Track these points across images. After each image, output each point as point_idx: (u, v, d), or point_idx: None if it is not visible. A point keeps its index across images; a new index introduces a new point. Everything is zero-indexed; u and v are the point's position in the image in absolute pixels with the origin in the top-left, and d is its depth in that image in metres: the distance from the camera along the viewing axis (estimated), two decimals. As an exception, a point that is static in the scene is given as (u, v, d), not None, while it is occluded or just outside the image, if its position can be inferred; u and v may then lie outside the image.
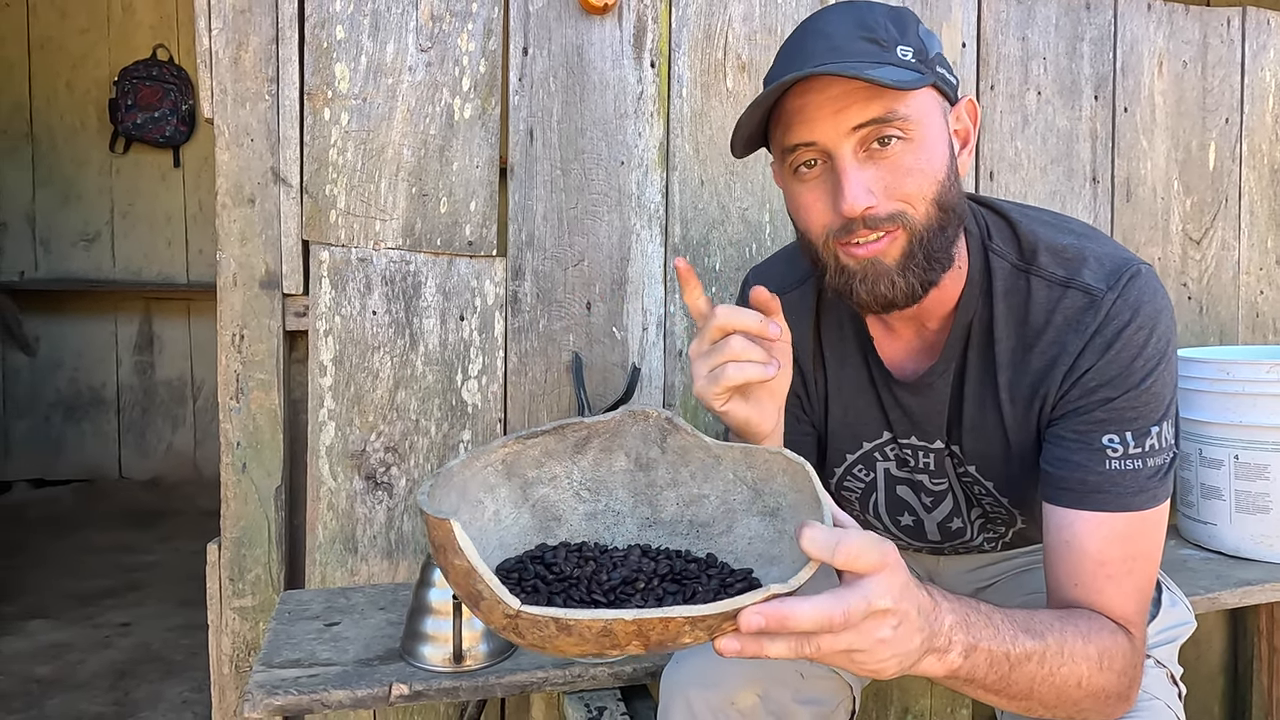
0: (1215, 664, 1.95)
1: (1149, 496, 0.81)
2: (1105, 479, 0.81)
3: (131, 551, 3.13)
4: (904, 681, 1.74)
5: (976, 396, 0.91)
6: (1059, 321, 0.85)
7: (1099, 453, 0.81)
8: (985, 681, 0.70)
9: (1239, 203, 1.89)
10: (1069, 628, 0.76)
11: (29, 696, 2.09)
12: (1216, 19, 1.85)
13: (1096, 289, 0.84)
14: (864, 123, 0.77)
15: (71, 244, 3.86)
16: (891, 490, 1.04)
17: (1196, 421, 1.58)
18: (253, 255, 1.36)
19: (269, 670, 1.06)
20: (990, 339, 0.89)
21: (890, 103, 0.77)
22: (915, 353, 0.94)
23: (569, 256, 1.49)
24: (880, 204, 0.78)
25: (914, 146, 0.78)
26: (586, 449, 0.77)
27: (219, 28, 1.33)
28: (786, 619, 0.57)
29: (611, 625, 0.55)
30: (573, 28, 1.47)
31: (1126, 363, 0.81)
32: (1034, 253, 0.87)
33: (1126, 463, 0.81)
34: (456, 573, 0.58)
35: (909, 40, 0.79)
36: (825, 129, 0.78)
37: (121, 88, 3.78)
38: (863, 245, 0.80)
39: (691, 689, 0.93)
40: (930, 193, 0.79)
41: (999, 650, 0.69)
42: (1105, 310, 0.82)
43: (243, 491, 1.37)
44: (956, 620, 0.67)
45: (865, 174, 0.78)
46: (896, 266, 0.80)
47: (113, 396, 3.94)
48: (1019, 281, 0.87)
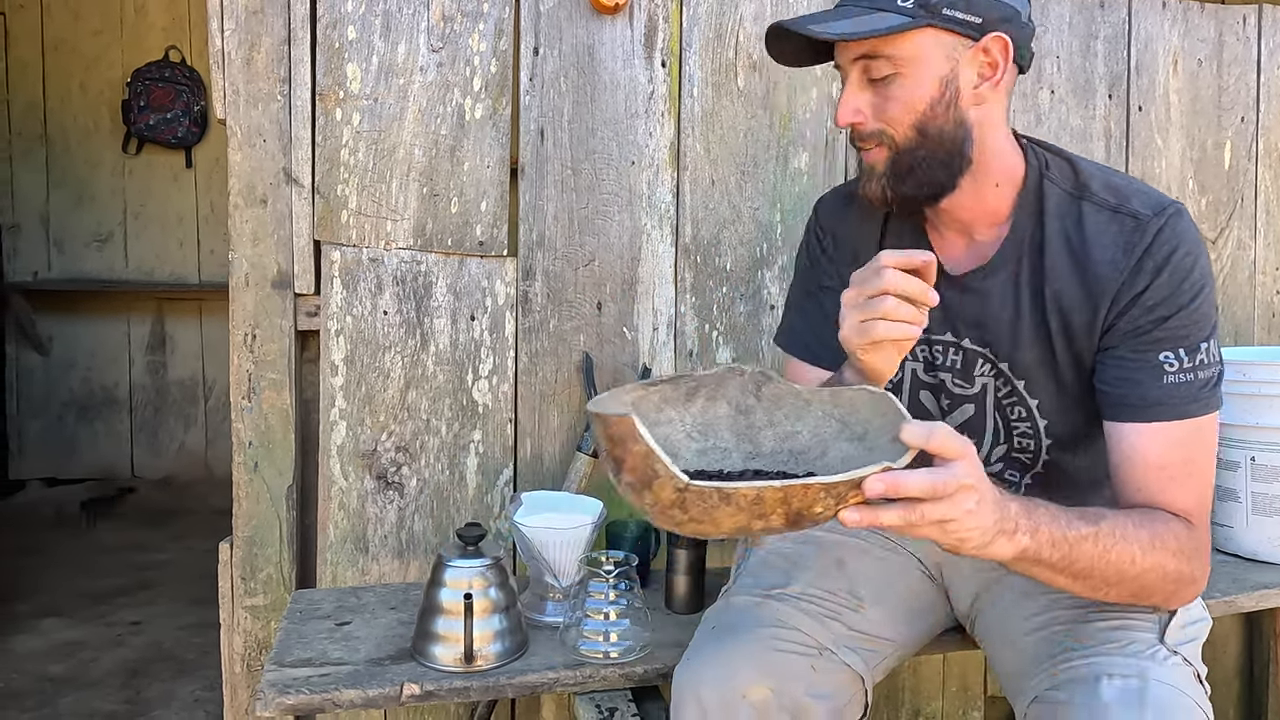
0: (1231, 667, 1.93)
1: (1202, 405, 0.91)
2: (1164, 393, 0.91)
3: (144, 550, 3.15)
4: (916, 683, 1.73)
5: (1033, 307, 0.98)
6: (1107, 242, 0.94)
7: (1157, 369, 0.91)
8: (1050, 560, 0.80)
9: (1255, 202, 1.87)
10: (1121, 516, 0.86)
11: (42, 695, 2.11)
12: (1232, 16, 1.84)
13: (1144, 214, 0.93)
14: (861, 55, 0.93)
15: (85, 244, 3.88)
16: (915, 394, 1.10)
17: (1212, 423, 1.57)
18: (265, 255, 1.36)
19: (281, 669, 1.07)
20: (1042, 255, 0.97)
21: (878, 43, 0.91)
22: (965, 256, 1.03)
23: (580, 256, 1.49)
24: (867, 122, 0.95)
25: (902, 79, 0.92)
26: (695, 397, 0.88)
27: (231, 29, 1.34)
28: (900, 485, 0.69)
29: (763, 493, 0.67)
30: (584, 27, 1.47)
31: (1177, 284, 0.91)
32: (1087, 184, 0.97)
33: (1182, 376, 0.91)
34: (634, 457, 0.68)
35: None
36: (841, 54, 0.96)
37: (134, 89, 3.80)
38: (867, 151, 0.97)
39: (703, 684, 0.93)
40: (910, 119, 0.93)
41: (1058, 532, 0.80)
42: (1152, 235, 0.92)
43: (254, 491, 1.37)
44: (1020, 508, 0.78)
45: (859, 96, 0.95)
46: (881, 174, 0.96)
47: (125, 396, 3.96)
48: (1071, 206, 0.97)
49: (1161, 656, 0.89)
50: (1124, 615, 0.95)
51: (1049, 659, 0.94)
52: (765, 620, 1.00)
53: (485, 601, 1.09)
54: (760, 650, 0.96)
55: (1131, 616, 0.94)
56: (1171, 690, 0.85)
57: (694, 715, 0.93)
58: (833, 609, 1.04)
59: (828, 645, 1.00)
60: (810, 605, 1.03)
